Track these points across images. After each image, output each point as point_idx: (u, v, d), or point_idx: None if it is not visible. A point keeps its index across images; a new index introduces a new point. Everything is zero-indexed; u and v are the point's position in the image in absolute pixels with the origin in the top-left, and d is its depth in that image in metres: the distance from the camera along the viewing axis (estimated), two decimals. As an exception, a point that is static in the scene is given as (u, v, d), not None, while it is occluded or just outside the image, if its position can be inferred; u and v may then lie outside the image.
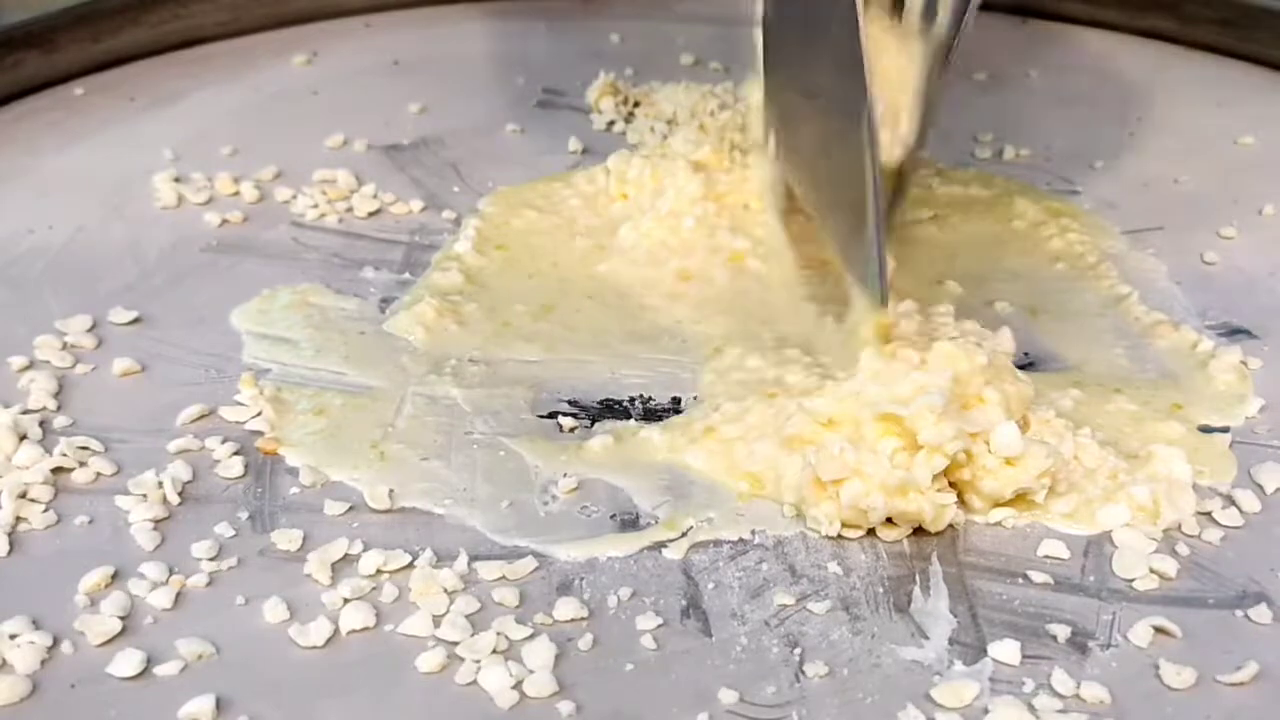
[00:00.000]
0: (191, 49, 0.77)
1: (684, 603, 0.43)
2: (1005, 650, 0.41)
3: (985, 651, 0.41)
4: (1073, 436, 0.48)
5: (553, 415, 0.51)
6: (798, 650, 0.41)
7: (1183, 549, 0.45)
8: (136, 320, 0.55)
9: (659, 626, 0.42)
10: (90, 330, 0.54)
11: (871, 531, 0.46)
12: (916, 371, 0.47)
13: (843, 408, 0.47)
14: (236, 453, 0.48)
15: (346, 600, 0.42)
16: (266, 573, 0.44)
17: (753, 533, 0.46)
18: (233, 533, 0.45)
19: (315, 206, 0.63)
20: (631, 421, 0.51)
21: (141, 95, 0.72)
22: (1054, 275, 0.60)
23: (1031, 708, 0.39)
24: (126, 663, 0.40)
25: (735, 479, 0.47)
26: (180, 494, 0.46)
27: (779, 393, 0.50)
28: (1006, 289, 0.58)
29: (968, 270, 0.59)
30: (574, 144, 0.69)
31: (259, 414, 0.50)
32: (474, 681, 0.40)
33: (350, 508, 0.46)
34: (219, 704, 0.39)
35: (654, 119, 0.71)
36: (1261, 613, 0.43)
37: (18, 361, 0.52)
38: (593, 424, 0.51)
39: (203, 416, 0.50)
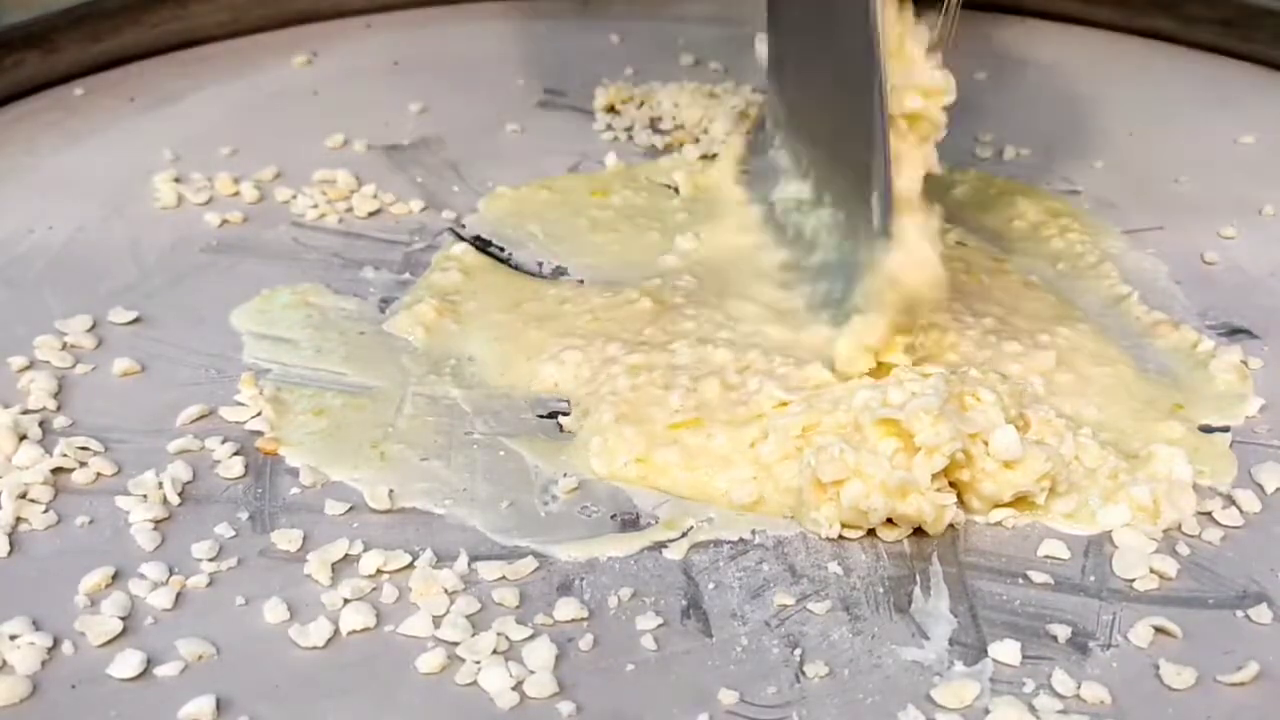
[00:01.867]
0: (191, 49, 0.77)
1: (684, 603, 0.43)
2: (1006, 650, 0.41)
3: (986, 652, 0.41)
4: (1073, 437, 0.48)
5: (553, 415, 0.51)
6: (798, 650, 0.41)
7: (1183, 549, 0.45)
8: (136, 320, 0.55)
9: (659, 627, 0.42)
10: (90, 330, 0.54)
11: (872, 532, 0.46)
12: (908, 374, 0.47)
13: (811, 418, 0.47)
14: (237, 453, 0.48)
15: (347, 600, 0.42)
16: (267, 573, 0.44)
17: (753, 533, 0.46)
18: (233, 533, 0.45)
19: (315, 206, 0.63)
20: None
21: (141, 95, 0.72)
22: (1054, 275, 0.60)
23: (1032, 708, 0.39)
24: (127, 663, 0.40)
25: (728, 507, 0.47)
26: (180, 494, 0.46)
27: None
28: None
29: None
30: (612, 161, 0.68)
31: (259, 414, 0.50)
32: (474, 682, 0.40)
33: (350, 508, 0.46)
34: (219, 704, 0.39)
35: (655, 119, 0.71)
36: (1261, 613, 0.43)
37: (18, 362, 0.52)
38: (593, 424, 0.51)
39: (203, 417, 0.50)
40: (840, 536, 0.45)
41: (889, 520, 0.45)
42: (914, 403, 0.45)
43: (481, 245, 0.61)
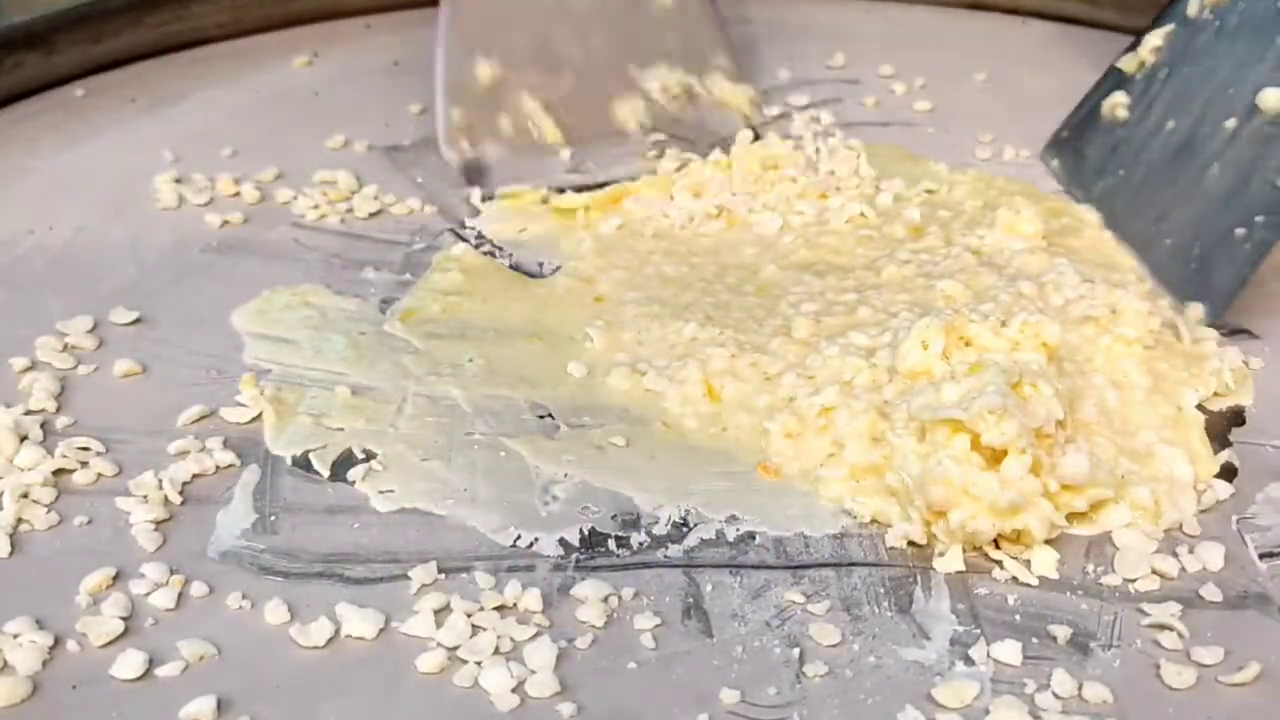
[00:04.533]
0: (192, 50, 0.77)
1: (685, 603, 0.43)
2: (1006, 650, 0.41)
3: (986, 652, 0.41)
4: (1109, 443, 0.48)
5: (553, 415, 0.51)
6: (798, 650, 0.41)
7: (1183, 549, 0.45)
8: (137, 321, 0.55)
9: (660, 627, 0.42)
10: (91, 331, 0.54)
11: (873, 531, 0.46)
12: (960, 365, 0.47)
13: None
14: (237, 453, 0.48)
15: (347, 601, 0.42)
16: (267, 573, 0.44)
17: (753, 533, 0.46)
18: (234, 533, 0.45)
19: (316, 207, 0.63)
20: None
21: (142, 96, 0.72)
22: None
23: (1033, 708, 0.39)
24: (128, 664, 0.40)
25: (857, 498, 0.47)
26: (181, 495, 0.46)
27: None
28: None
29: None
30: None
31: (259, 414, 0.50)
32: (475, 683, 0.40)
33: (351, 508, 0.46)
34: (220, 705, 0.39)
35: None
36: (1262, 613, 0.43)
37: (19, 362, 0.52)
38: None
39: (203, 417, 0.50)
40: (841, 535, 0.45)
41: (996, 543, 0.45)
42: (978, 402, 0.45)
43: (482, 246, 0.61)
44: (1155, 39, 0.63)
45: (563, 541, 0.45)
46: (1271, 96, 0.56)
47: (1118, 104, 0.63)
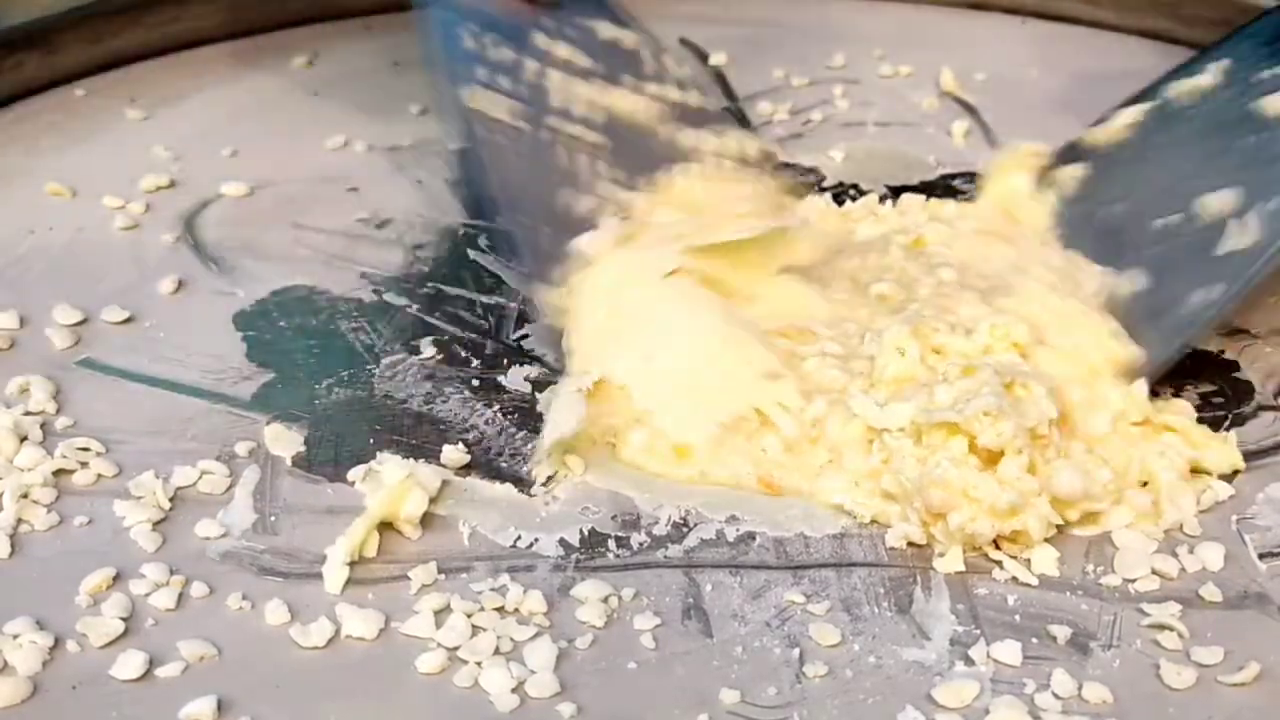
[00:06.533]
0: (192, 50, 0.77)
1: (685, 603, 0.43)
2: (1006, 650, 0.41)
3: (986, 652, 0.41)
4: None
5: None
6: (798, 650, 0.41)
7: (1183, 549, 0.45)
8: (137, 321, 0.55)
9: (659, 627, 0.42)
10: (91, 331, 0.54)
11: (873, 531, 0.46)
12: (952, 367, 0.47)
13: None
14: (237, 454, 0.48)
15: (347, 602, 0.42)
16: (267, 574, 0.44)
17: (753, 533, 0.46)
18: (234, 534, 0.45)
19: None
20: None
21: (142, 96, 0.72)
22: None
23: (1032, 708, 0.39)
24: (128, 664, 0.40)
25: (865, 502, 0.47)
26: (181, 495, 0.46)
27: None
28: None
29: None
30: None
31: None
32: (475, 683, 0.40)
33: (351, 508, 0.46)
34: (220, 705, 0.39)
35: None
36: (1262, 613, 0.43)
37: (19, 363, 0.52)
38: (593, 424, 0.51)
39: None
40: (841, 535, 0.46)
41: (995, 543, 0.45)
42: (973, 404, 0.45)
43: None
44: (1129, 115, 0.61)
45: (563, 542, 0.45)
46: (1212, 202, 0.53)
47: (1072, 175, 0.60)
